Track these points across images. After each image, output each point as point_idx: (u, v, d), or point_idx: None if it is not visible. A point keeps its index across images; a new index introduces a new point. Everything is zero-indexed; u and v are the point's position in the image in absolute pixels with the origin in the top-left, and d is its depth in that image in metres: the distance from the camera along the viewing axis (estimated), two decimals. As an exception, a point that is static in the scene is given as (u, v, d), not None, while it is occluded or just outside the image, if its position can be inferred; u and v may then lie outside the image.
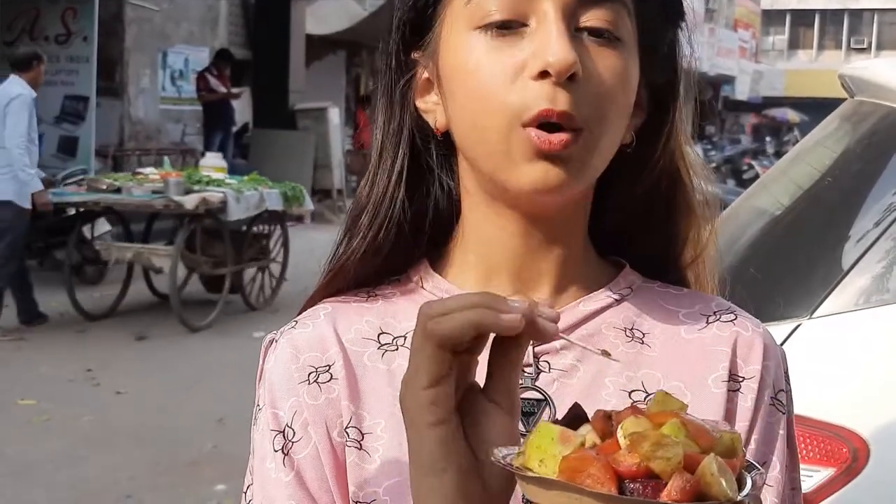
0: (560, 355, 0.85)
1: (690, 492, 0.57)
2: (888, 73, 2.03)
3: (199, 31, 14.20)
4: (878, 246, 1.75)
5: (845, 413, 1.64)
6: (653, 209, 0.89)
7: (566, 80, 0.76)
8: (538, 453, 0.62)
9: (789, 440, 0.87)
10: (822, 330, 1.73)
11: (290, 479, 0.81)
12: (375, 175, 0.89)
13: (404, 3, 0.85)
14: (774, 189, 2.27)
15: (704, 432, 0.61)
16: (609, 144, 0.81)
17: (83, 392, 5.69)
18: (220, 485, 4.36)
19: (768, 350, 0.87)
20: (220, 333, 7.13)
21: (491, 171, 0.81)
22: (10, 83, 6.82)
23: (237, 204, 7.35)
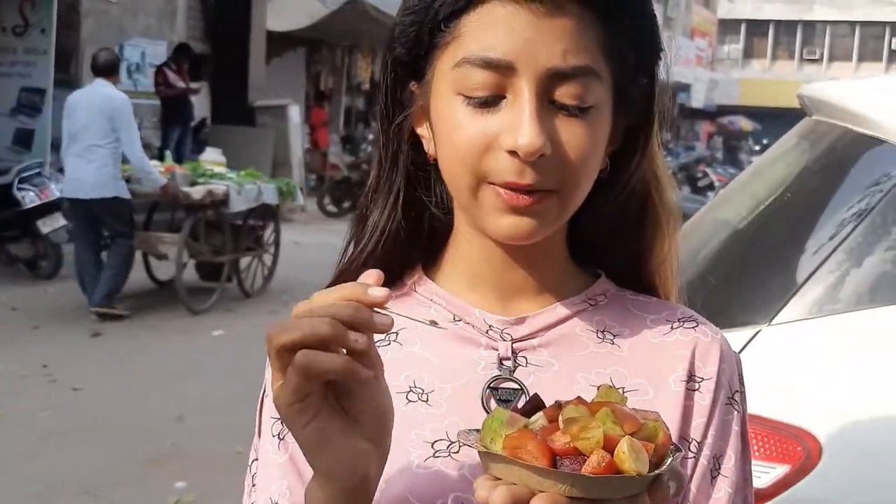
0: (537, 352, 0.95)
1: (606, 467, 0.69)
2: (844, 95, 2.14)
3: (156, 25, 14.09)
4: (832, 258, 1.85)
5: (801, 414, 1.74)
6: (624, 225, 0.98)
7: (536, 158, 0.84)
8: (490, 433, 0.74)
9: (743, 436, 0.97)
10: (779, 336, 1.82)
11: (283, 461, 0.92)
12: (376, 193, 0.98)
13: (400, 44, 0.92)
14: (736, 202, 2.36)
15: (631, 419, 0.72)
16: (581, 194, 0.90)
17: (39, 388, 5.64)
18: (179, 482, 4.37)
19: (725, 355, 0.97)
20: (178, 332, 7.11)
21: (468, 215, 0.91)
22: (102, 86, 7.17)
23: (238, 196, 7.81)
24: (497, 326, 0.95)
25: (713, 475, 0.94)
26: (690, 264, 2.24)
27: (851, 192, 2.01)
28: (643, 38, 0.92)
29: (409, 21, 0.90)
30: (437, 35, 0.88)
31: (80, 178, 7.02)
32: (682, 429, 0.94)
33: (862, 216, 1.87)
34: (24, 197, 8.05)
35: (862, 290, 1.84)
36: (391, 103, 0.95)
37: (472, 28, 0.86)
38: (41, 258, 8.35)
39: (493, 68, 0.85)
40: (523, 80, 0.85)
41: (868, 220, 1.86)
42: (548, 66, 0.84)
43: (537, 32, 0.84)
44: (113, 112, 6.98)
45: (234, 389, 5.07)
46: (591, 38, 0.86)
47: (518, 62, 0.84)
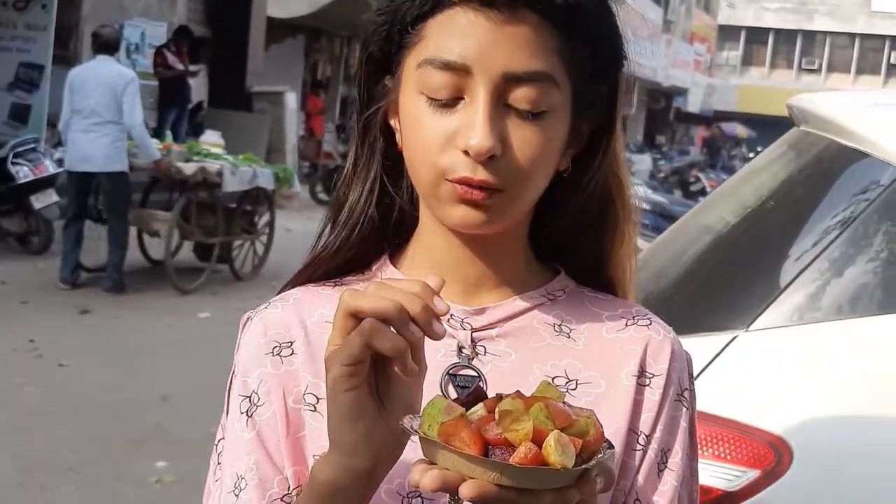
0: (495, 342, 0.99)
1: (533, 459, 0.73)
2: (831, 107, 2.17)
3: (157, 5, 14.06)
4: (812, 268, 1.88)
5: (774, 420, 1.77)
6: (586, 224, 1.02)
7: (487, 158, 0.88)
8: (428, 420, 0.77)
9: (691, 432, 1.01)
10: (756, 342, 1.86)
11: (251, 438, 0.95)
12: (352, 181, 1.02)
13: (373, 42, 0.96)
14: (721, 208, 2.40)
15: (563, 415, 0.76)
16: (531, 194, 0.94)
17: (26, 363, 5.66)
18: (161, 462, 4.39)
19: (675, 354, 1.01)
20: (166, 312, 7.13)
21: (427, 205, 0.96)
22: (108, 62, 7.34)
23: (232, 177, 7.88)
24: (458, 316, 0.98)
25: (660, 468, 0.98)
26: (673, 268, 2.28)
27: (834, 202, 2.05)
28: (602, 46, 0.95)
29: (381, 21, 0.94)
30: (404, 36, 0.93)
31: (89, 153, 7.16)
32: (632, 422, 0.97)
33: (843, 227, 1.91)
34: (17, 172, 8.05)
35: (840, 300, 1.88)
36: (366, 96, 0.99)
37: (435, 31, 0.91)
38: (33, 234, 8.35)
39: (451, 70, 0.89)
40: (479, 82, 0.88)
41: (849, 231, 1.90)
42: (503, 70, 0.88)
43: (495, 38, 0.88)
44: (124, 87, 7.17)
45: (219, 372, 5.05)
46: (548, 45, 0.90)
47: (475, 66, 0.88)
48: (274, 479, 0.93)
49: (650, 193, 11.20)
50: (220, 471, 0.97)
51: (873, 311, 1.86)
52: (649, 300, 2.17)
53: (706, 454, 1.78)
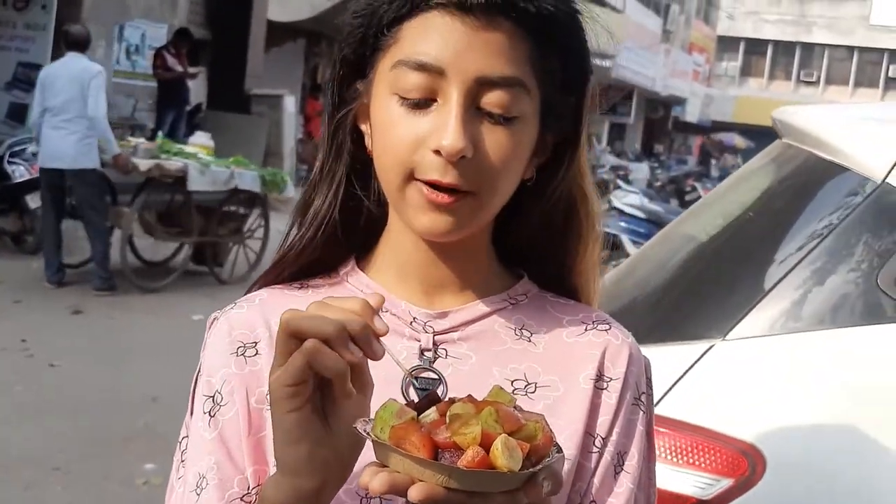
0: (457, 345, 1.01)
1: (480, 462, 0.75)
2: (812, 120, 2.19)
3: (158, 7, 14.08)
4: (789, 278, 1.90)
5: (748, 429, 1.79)
6: (550, 232, 1.05)
7: (458, 159, 0.90)
8: (381, 423, 0.79)
9: (648, 436, 1.04)
10: (733, 351, 1.87)
11: (212, 437, 0.96)
12: (319, 183, 1.03)
13: (348, 45, 0.98)
14: (703, 218, 2.42)
15: (512, 420, 0.78)
16: (499, 199, 0.96)
17: (16, 362, 5.67)
18: (149, 463, 4.40)
19: (634, 358, 1.03)
20: (159, 314, 7.14)
21: (395, 209, 0.97)
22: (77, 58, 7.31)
23: (200, 176, 7.73)
24: (421, 319, 1.00)
25: (616, 470, 1.00)
26: (655, 276, 2.30)
27: (813, 215, 2.07)
28: (572, 59, 0.98)
29: (357, 23, 0.96)
30: (380, 38, 0.95)
31: (59, 150, 7.16)
32: (589, 424, 0.99)
33: (820, 239, 1.93)
34: (13, 171, 8.08)
35: (817, 311, 1.89)
36: (337, 99, 1.01)
37: (411, 34, 0.92)
38: (27, 233, 8.37)
39: (425, 71, 0.91)
40: (453, 85, 0.90)
41: (826, 243, 1.92)
42: (477, 74, 0.91)
43: (470, 43, 0.91)
44: (90, 80, 7.16)
45: (210, 374, 5.09)
46: (521, 53, 0.93)
47: (449, 68, 0.90)
48: (234, 479, 0.95)
49: (646, 202, 11.23)
50: (183, 469, 0.98)
51: (850, 323, 1.88)
52: (632, 308, 2.20)
53: (680, 462, 1.80)
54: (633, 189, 13.05)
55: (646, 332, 2.00)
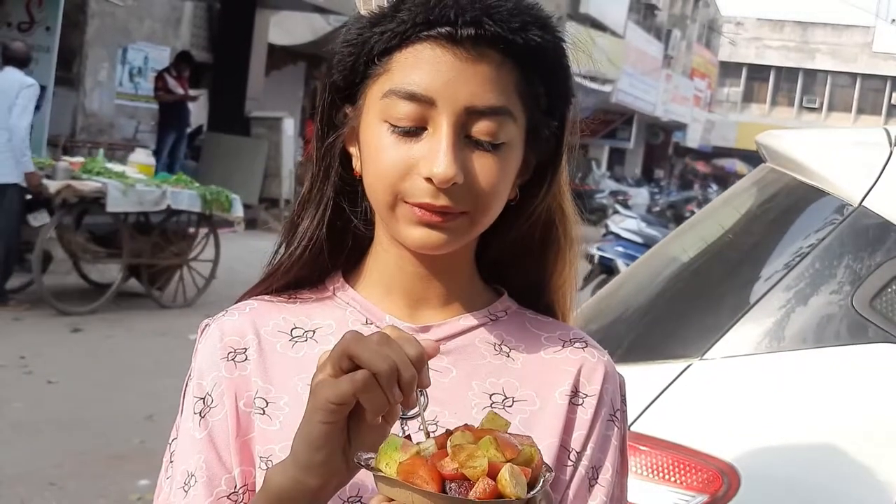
0: (438, 359, 1.03)
1: (491, 493, 0.78)
2: (794, 145, 2.23)
3: (161, 30, 14.22)
4: (766, 299, 1.94)
5: (724, 446, 1.82)
6: (529, 249, 1.09)
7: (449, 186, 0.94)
8: (385, 458, 0.82)
9: (622, 451, 1.07)
10: (709, 371, 1.91)
11: (202, 437, 1.00)
12: (307, 204, 1.07)
13: (338, 71, 1.01)
14: (685, 240, 2.46)
15: (510, 446, 0.82)
16: (489, 219, 1.00)
17: (14, 378, 5.70)
18: (143, 480, 4.42)
19: (609, 375, 1.07)
20: (156, 333, 7.17)
21: (386, 226, 1.01)
22: (12, 72, 7.19)
23: (123, 196, 7.37)
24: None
25: (591, 483, 1.03)
26: (636, 296, 2.34)
27: (791, 238, 2.11)
28: (556, 85, 1.02)
29: (348, 52, 1.00)
30: (370, 67, 0.98)
31: None
32: (564, 438, 1.03)
33: (797, 262, 1.97)
34: None
35: (794, 332, 1.93)
36: (326, 123, 1.05)
37: (402, 64, 0.96)
38: (29, 251, 8.39)
39: (416, 101, 0.94)
40: (443, 115, 0.94)
41: (802, 266, 1.96)
42: (466, 104, 0.94)
43: (459, 74, 0.94)
44: (18, 92, 6.98)
45: (206, 393, 5.11)
46: (508, 82, 0.96)
47: (439, 99, 0.94)
48: (222, 478, 0.99)
49: (643, 227, 11.25)
50: (171, 468, 1.01)
51: (825, 343, 1.91)
52: (614, 326, 2.24)
53: (657, 479, 1.83)
54: (631, 214, 13.10)
55: (626, 350, 2.05)
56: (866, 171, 2.03)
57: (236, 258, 8.38)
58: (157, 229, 7.92)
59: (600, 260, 9.63)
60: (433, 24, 0.95)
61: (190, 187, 8.11)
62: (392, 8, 0.97)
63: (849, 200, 2.01)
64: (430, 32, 0.95)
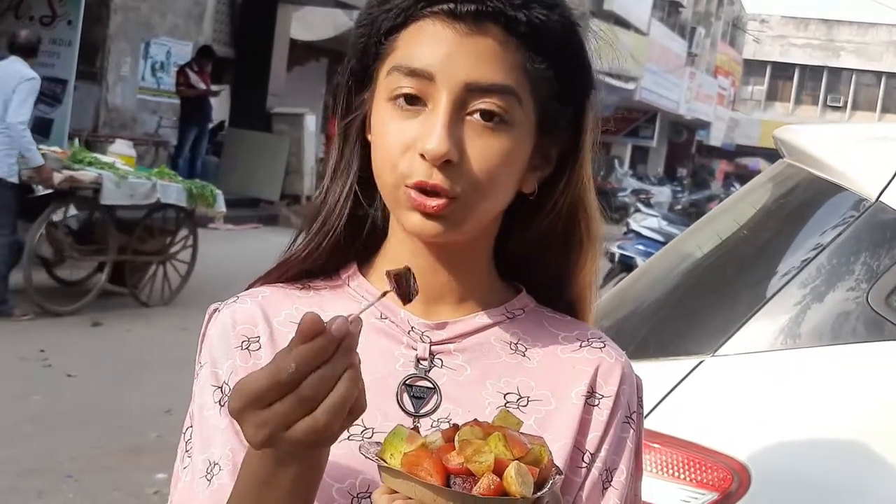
0: (452, 356, 1.02)
1: (495, 489, 0.77)
2: (811, 140, 2.21)
3: (183, 25, 14.27)
4: (779, 295, 1.91)
5: (734, 444, 1.80)
6: (551, 245, 1.06)
7: (443, 163, 0.92)
8: (390, 449, 0.81)
9: (637, 453, 1.05)
10: (722, 367, 1.89)
11: (225, 426, 0.97)
12: (328, 191, 1.05)
13: (353, 55, 1.01)
14: (699, 236, 2.43)
15: (519, 444, 0.81)
16: (490, 205, 0.97)
17: (35, 372, 5.74)
18: (160, 473, 4.44)
19: (626, 377, 1.05)
20: (176, 327, 7.18)
21: (391, 210, 1.00)
22: (15, 62, 6.88)
23: (116, 188, 7.08)
24: (418, 328, 1.02)
25: (604, 486, 1.01)
26: (650, 292, 2.32)
27: (806, 234, 2.08)
28: (568, 69, 0.98)
29: (360, 33, 0.99)
30: (379, 48, 0.97)
31: None
32: (578, 440, 1.00)
33: (813, 257, 1.94)
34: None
35: (808, 328, 1.90)
36: (346, 110, 1.03)
37: (405, 41, 0.95)
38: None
39: (416, 76, 0.93)
40: (442, 90, 0.93)
41: (818, 262, 1.93)
42: (466, 80, 0.93)
43: (459, 49, 0.93)
44: (17, 84, 6.68)
45: (222, 387, 5.13)
46: (512, 60, 0.94)
47: (438, 74, 0.93)
48: None
49: (664, 225, 11.17)
50: (188, 458, 0.98)
51: (840, 340, 1.89)
52: (627, 322, 2.22)
53: (668, 476, 1.81)
54: (652, 212, 13.02)
55: (639, 346, 2.02)
56: (884, 167, 2.00)
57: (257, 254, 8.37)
58: (139, 224, 7.59)
59: (620, 258, 9.58)
60: (434, 1, 0.94)
61: (175, 181, 7.86)
62: None
63: (866, 196, 1.98)
64: (433, 8, 0.94)
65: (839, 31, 43.68)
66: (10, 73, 6.77)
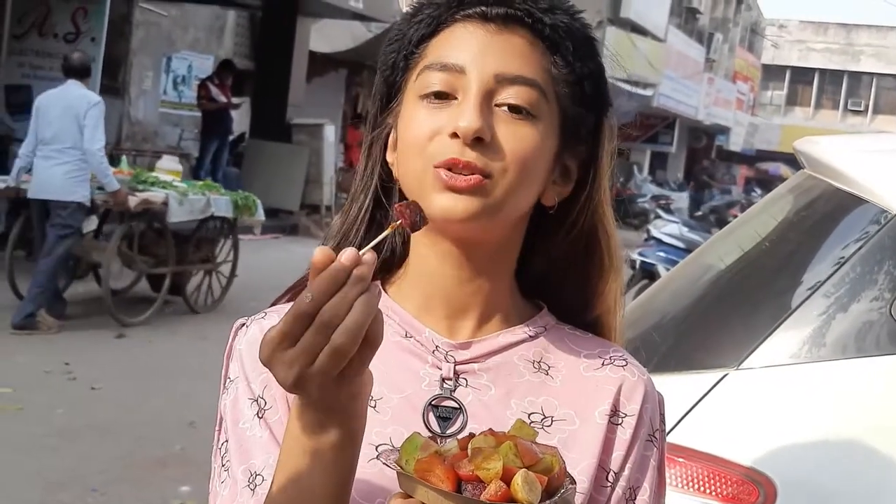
0: (477, 375, 1.03)
1: (502, 496, 0.79)
2: (832, 151, 2.21)
3: (204, 39, 14.40)
4: (803, 308, 1.92)
5: (759, 457, 1.80)
6: (570, 263, 1.07)
7: (474, 141, 0.95)
8: (406, 455, 0.84)
9: (660, 471, 1.06)
10: (746, 380, 1.89)
11: (265, 437, 0.99)
12: (350, 209, 1.08)
13: (381, 72, 1.04)
14: (721, 248, 2.44)
15: (530, 453, 0.83)
16: (520, 192, 0.98)
17: (59, 384, 5.78)
18: (184, 486, 4.46)
19: (648, 395, 1.06)
20: (199, 339, 7.23)
21: (416, 197, 0.99)
22: (76, 86, 7.03)
23: (179, 206, 7.55)
24: (443, 348, 1.03)
25: None
26: (672, 305, 2.32)
27: (828, 247, 2.08)
28: (589, 75, 1.02)
29: (390, 50, 1.03)
30: (409, 59, 1.01)
31: (46, 180, 6.85)
32: (602, 459, 1.01)
33: (835, 269, 1.94)
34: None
35: (831, 341, 1.90)
36: (374, 125, 1.06)
37: (436, 46, 1.00)
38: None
39: (447, 71, 0.97)
40: (472, 80, 0.97)
41: (840, 273, 1.93)
42: (495, 71, 0.97)
43: (489, 45, 0.98)
44: (87, 111, 6.85)
45: (246, 399, 5.15)
46: (538, 59, 0.99)
47: (468, 66, 0.97)
48: None
49: (685, 231, 11.12)
50: (225, 472, 0.99)
51: (863, 353, 1.89)
52: (649, 335, 2.22)
53: (693, 490, 1.81)
54: (673, 218, 12.95)
55: (662, 359, 2.03)
56: (906, 178, 2.00)
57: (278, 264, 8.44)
58: (192, 236, 8.06)
59: (641, 265, 9.55)
60: (465, 6, 0.99)
61: (221, 193, 8.30)
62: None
63: (887, 208, 1.98)
64: (464, 12, 0.99)
65: (858, 35, 43.41)
66: (76, 97, 6.94)
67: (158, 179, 8.03)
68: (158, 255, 7.82)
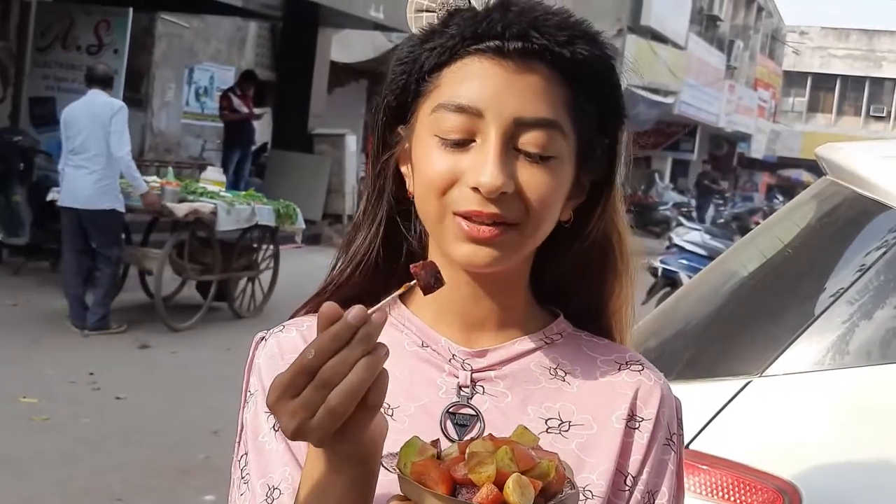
0: (493, 383, 1.04)
1: (493, 499, 0.81)
2: (855, 158, 2.20)
3: (226, 51, 14.49)
4: (826, 315, 1.91)
5: (784, 465, 1.79)
6: (585, 271, 1.09)
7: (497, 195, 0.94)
8: (404, 458, 0.86)
9: (678, 475, 1.06)
10: (769, 388, 1.89)
11: (282, 449, 1.00)
12: (361, 223, 1.08)
13: (391, 91, 1.03)
14: (743, 255, 2.43)
15: (526, 458, 0.84)
16: (540, 234, 1.00)
17: (84, 394, 5.82)
18: (208, 495, 4.48)
19: (665, 399, 1.06)
20: (223, 348, 7.26)
21: (435, 240, 1.01)
22: (99, 95, 7.19)
23: (227, 216, 7.85)
24: (459, 356, 1.04)
25: None
26: (694, 313, 2.32)
27: (851, 253, 2.07)
28: (607, 102, 1.02)
29: (400, 71, 1.01)
30: (421, 84, 0.99)
31: (76, 188, 7.05)
32: (620, 463, 1.02)
33: (858, 276, 1.93)
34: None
35: (854, 348, 1.89)
36: (380, 143, 1.06)
37: (451, 79, 0.97)
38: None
39: (464, 113, 0.95)
40: (491, 126, 0.95)
41: (864, 280, 1.92)
42: (514, 115, 0.95)
43: (507, 86, 0.95)
44: (112, 117, 7.02)
45: (268, 409, 5.17)
46: (556, 95, 0.97)
47: (487, 110, 0.95)
48: None
49: (707, 239, 11.07)
50: (244, 485, 1.01)
51: (889, 359, 1.88)
52: (672, 343, 2.22)
53: (717, 498, 1.81)
54: (695, 226, 12.91)
55: (685, 366, 2.03)
56: (930, 184, 1.99)
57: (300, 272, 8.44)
58: (237, 244, 8.31)
59: (664, 272, 9.51)
60: (481, 38, 0.96)
61: (264, 202, 8.54)
62: (441, 24, 0.99)
63: (913, 214, 1.97)
64: (479, 46, 0.96)
65: (880, 41, 43.13)
66: (101, 105, 7.12)
67: (206, 190, 8.31)
68: (205, 262, 8.08)
